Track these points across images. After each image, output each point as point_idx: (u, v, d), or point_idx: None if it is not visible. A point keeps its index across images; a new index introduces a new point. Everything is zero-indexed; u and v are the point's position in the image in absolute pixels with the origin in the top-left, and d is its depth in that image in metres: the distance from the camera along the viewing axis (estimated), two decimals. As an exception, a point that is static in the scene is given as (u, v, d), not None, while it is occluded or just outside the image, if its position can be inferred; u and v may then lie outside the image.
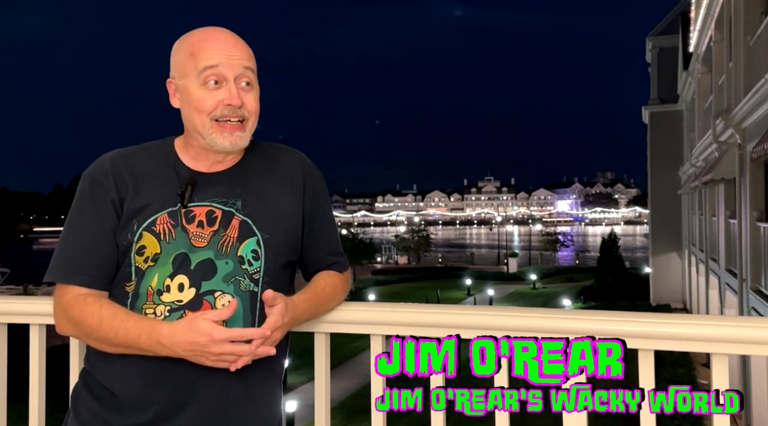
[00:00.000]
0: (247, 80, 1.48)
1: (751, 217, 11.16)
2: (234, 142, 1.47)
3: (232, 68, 1.45)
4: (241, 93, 1.46)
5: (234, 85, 1.45)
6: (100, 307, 1.41)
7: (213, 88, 1.45)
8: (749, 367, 11.10)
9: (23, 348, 1.88)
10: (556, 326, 1.52)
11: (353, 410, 13.98)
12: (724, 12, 13.76)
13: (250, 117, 1.49)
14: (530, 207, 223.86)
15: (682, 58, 23.83)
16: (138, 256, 1.45)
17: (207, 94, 1.45)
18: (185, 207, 1.46)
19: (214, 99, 1.45)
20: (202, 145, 1.50)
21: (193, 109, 1.47)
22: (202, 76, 1.45)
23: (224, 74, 1.45)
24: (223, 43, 1.46)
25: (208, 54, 1.45)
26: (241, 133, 1.48)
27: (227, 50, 1.46)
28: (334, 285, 1.63)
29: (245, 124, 1.49)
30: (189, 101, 1.47)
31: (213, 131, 1.46)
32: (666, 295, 26.48)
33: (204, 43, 1.46)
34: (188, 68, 1.46)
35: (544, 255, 58.62)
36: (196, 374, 1.41)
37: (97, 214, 1.47)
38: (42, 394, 1.87)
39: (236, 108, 1.45)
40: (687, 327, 1.44)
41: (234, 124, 1.47)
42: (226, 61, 1.45)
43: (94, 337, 1.43)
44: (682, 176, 25.93)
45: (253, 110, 1.49)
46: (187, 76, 1.47)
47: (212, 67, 1.44)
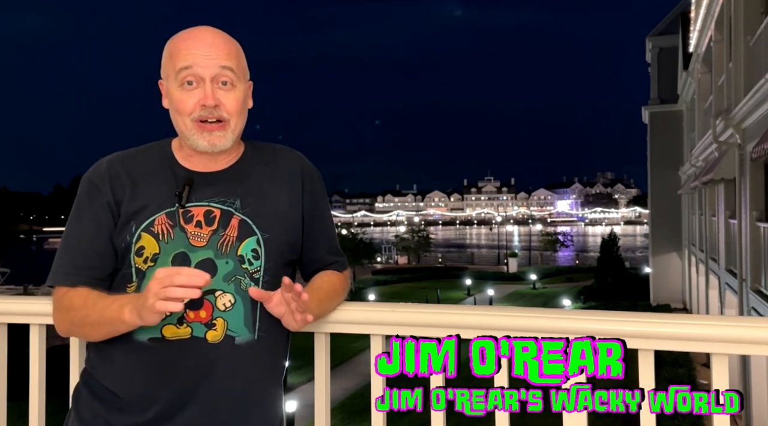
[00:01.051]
0: (225, 80, 1.46)
1: (751, 217, 11.16)
2: (213, 142, 1.46)
3: (207, 68, 1.44)
4: (219, 93, 1.45)
5: (210, 85, 1.44)
6: (89, 292, 1.43)
7: (190, 89, 1.44)
8: (749, 367, 11.10)
9: (23, 348, 1.88)
10: (556, 326, 1.52)
11: (353, 410, 13.98)
12: (724, 12, 13.76)
13: (231, 117, 1.47)
14: (530, 207, 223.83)
15: (682, 58, 23.83)
16: (137, 257, 1.45)
17: (185, 95, 1.45)
18: (183, 207, 1.46)
19: (191, 100, 1.44)
20: (192, 147, 1.50)
21: (174, 110, 1.48)
22: (179, 77, 1.44)
23: (200, 74, 1.44)
24: (200, 42, 1.45)
25: (184, 55, 1.44)
26: (221, 132, 1.46)
27: (203, 50, 1.44)
28: (334, 284, 1.63)
29: (225, 125, 1.47)
30: (171, 103, 1.48)
31: (194, 132, 1.46)
32: (666, 295, 26.48)
33: (182, 43, 1.46)
34: (168, 70, 1.47)
35: (544, 255, 58.65)
36: (198, 374, 1.41)
37: (94, 217, 1.47)
38: (42, 394, 1.87)
39: (211, 108, 1.44)
40: (687, 327, 1.44)
41: (212, 124, 1.46)
42: (201, 61, 1.43)
43: (78, 320, 1.43)
44: (682, 176, 25.93)
45: (233, 111, 1.47)
46: (168, 77, 1.48)
47: (187, 68, 1.43)
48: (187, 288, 1.27)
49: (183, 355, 1.41)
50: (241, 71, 1.50)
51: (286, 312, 1.43)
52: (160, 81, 1.52)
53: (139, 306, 1.31)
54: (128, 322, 1.36)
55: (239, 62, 1.49)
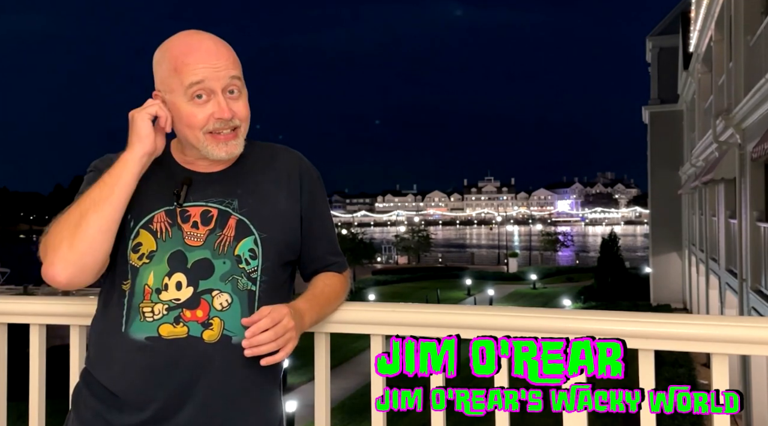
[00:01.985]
0: (233, 88, 1.46)
1: (751, 217, 11.16)
2: (229, 151, 1.47)
3: (218, 81, 1.43)
4: (230, 103, 1.45)
5: (222, 97, 1.44)
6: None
7: (201, 103, 1.43)
8: (749, 367, 11.09)
9: (23, 348, 1.88)
10: (556, 326, 1.52)
11: (353, 410, 13.98)
12: (724, 12, 13.76)
13: (242, 123, 1.49)
14: (530, 207, 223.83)
15: (682, 58, 23.82)
16: (133, 254, 1.45)
17: (196, 110, 1.44)
18: (181, 206, 1.47)
19: (204, 113, 1.44)
20: (194, 154, 1.51)
21: (183, 124, 1.46)
22: (189, 93, 1.43)
23: (211, 88, 1.43)
24: (206, 54, 1.43)
25: (192, 69, 1.42)
26: (235, 141, 1.48)
27: (211, 62, 1.43)
28: (334, 286, 1.63)
29: (238, 132, 1.48)
30: (179, 117, 1.46)
31: (208, 144, 1.46)
32: (666, 295, 26.48)
33: (186, 57, 1.43)
34: (174, 84, 1.44)
35: (544, 255, 58.63)
36: (195, 373, 1.41)
37: None
38: (42, 394, 1.87)
39: (227, 120, 1.45)
40: (687, 327, 1.44)
41: (227, 134, 1.46)
42: (212, 74, 1.42)
43: (72, 225, 1.38)
44: (682, 176, 25.92)
45: (243, 117, 1.48)
46: (173, 91, 1.45)
47: (198, 83, 1.42)
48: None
49: (180, 354, 1.41)
50: (242, 77, 1.51)
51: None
52: (154, 93, 1.49)
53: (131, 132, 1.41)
54: (127, 160, 1.42)
55: (240, 68, 1.50)
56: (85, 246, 1.38)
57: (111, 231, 1.41)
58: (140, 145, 1.42)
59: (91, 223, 1.39)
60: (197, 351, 1.42)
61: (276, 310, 1.40)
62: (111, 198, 1.40)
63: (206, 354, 1.42)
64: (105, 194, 1.40)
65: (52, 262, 1.39)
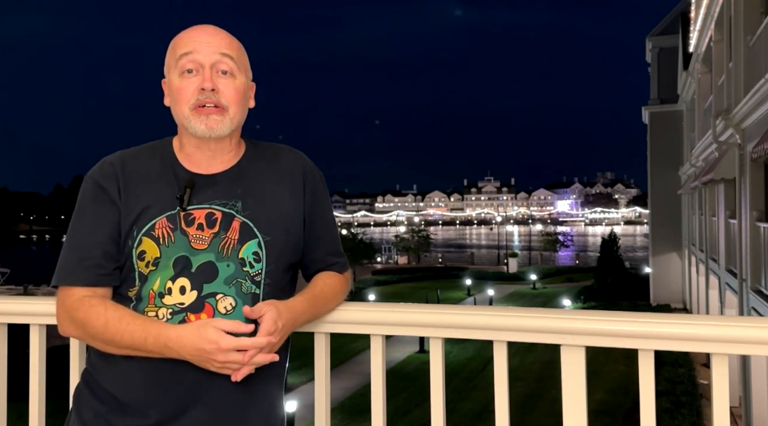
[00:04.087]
0: (225, 68, 1.47)
1: (751, 217, 11.16)
2: (210, 126, 1.46)
3: (207, 55, 1.46)
4: (218, 80, 1.46)
5: (210, 71, 1.46)
6: (105, 310, 1.41)
7: (189, 77, 1.46)
8: (749, 367, 11.10)
9: (23, 348, 1.88)
10: (556, 326, 1.52)
11: (353, 410, 13.98)
12: (724, 12, 13.76)
13: (230, 105, 1.48)
14: (530, 207, 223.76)
15: (682, 58, 23.83)
16: (140, 261, 1.45)
17: (184, 83, 1.46)
18: (184, 210, 1.46)
19: (190, 87, 1.46)
20: (190, 142, 1.50)
21: (174, 100, 1.49)
22: (179, 65, 1.46)
23: (199, 60, 1.46)
24: (202, 32, 1.49)
25: (185, 43, 1.47)
26: (219, 117, 1.46)
27: (204, 38, 1.47)
28: (334, 286, 1.62)
29: (223, 111, 1.47)
30: (172, 94, 1.49)
31: (192, 118, 1.46)
32: (666, 295, 26.49)
33: (184, 34, 1.49)
34: (170, 61, 1.49)
35: (544, 255, 58.63)
36: (199, 377, 1.40)
37: (98, 214, 1.47)
38: (42, 394, 1.87)
39: (209, 92, 1.45)
40: (687, 327, 1.43)
41: (210, 108, 1.46)
42: (202, 47, 1.46)
43: (99, 339, 1.42)
44: (682, 176, 25.93)
45: (231, 99, 1.48)
46: (169, 69, 1.50)
47: (187, 54, 1.46)
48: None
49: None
50: (242, 64, 1.51)
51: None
52: (163, 80, 1.53)
53: (196, 358, 1.36)
54: (155, 353, 1.39)
55: (240, 54, 1.51)
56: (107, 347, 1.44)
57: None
58: (184, 352, 1.36)
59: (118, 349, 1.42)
60: None
61: (268, 321, 1.39)
62: (143, 351, 1.39)
63: None
64: (138, 345, 1.38)
65: (70, 334, 1.51)
